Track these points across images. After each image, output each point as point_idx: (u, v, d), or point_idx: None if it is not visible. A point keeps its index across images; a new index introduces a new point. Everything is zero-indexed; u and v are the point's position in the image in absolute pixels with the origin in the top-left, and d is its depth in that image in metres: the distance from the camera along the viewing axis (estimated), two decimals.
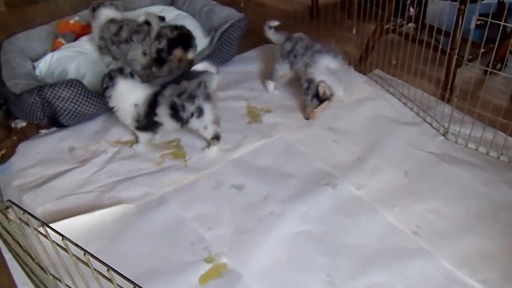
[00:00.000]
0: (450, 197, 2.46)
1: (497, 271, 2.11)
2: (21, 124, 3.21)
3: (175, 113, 2.65)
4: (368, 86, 3.31)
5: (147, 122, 2.71)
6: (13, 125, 3.20)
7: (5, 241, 2.27)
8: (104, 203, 2.51)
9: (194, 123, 2.70)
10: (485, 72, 3.22)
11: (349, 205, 2.44)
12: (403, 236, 2.27)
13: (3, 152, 2.98)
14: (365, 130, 2.93)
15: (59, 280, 1.32)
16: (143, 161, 2.78)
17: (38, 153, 2.91)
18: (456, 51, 2.95)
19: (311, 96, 2.88)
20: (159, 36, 3.18)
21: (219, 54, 3.49)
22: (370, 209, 2.41)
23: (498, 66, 3.30)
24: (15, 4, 4.90)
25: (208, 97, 2.68)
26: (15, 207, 1.23)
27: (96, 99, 3.01)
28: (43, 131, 3.12)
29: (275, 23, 3.22)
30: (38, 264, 1.37)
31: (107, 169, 2.74)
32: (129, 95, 2.71)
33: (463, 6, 2.88)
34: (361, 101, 3.17)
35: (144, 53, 3.24)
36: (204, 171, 2.69)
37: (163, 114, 2.66)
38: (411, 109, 3.07)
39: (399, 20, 3.47)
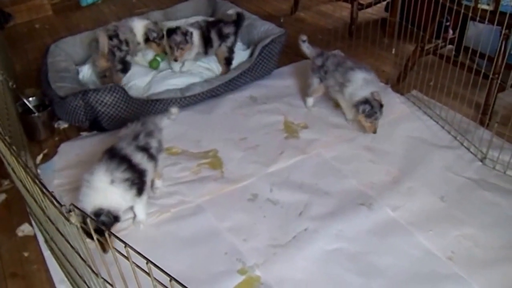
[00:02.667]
0: (487, 224, 2.43)
1: None
2: (63, 125, 3.31)
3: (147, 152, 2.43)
4: (405, 107, 3.30)
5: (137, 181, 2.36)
6: (56, 125, 3.30)
7: (46, 241, 2.34)
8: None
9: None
10: None
11: (384, 226, 2.43)
12: (438, 261, 2.25)
13: (45, 151, 3.07)
14: (401, 151, 2.92)
15: (111, 285, 1.35)
16: (181, 170, 2.82)
17: (78, 155, 2.98)
18: (499, 76, 2.92)
19: (379, 110, 2.92)
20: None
21: (259, 68, 3.53)
22: (405, 232, 2.40)
23: None
24: (61, 9, 5.05)
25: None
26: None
27: (136, 105, 3.07)
28: (84, 134, 3.20)
29: (305, 36, 3.28)
30: (89, 266, 1.40)
31: None
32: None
33: (507, 31, 2.86)
34: (397, 122, 3.16)
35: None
36: (241, 183, 2.71)
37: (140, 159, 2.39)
38: (449, 132, 3.05)
39: (439, 42, 3.45)
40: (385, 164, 2.82)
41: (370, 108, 2.90)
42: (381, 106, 2.92)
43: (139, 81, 3.46)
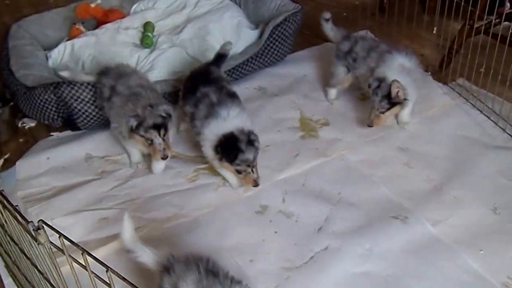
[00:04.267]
0: None
1: None
2: (29, 124, 3.35)
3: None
4: (449, 99, 3.34)
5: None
6: (20, 124, 3.35)
7: (7, 265, 2.38)
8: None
9: None
10: None
11: (422, 245, 2.47)
12: None
13: (6, 156, 3.12)
14: (444, 152, 2.96)
15: None
16: (173, 176, 2.88)
17: (49, 159, 3.04)
18: None
19: (380, 97, 2.91)
20: None
21: (270, 53, 3.58)
22: (448, 251, 2.43)
23: None
24: None
25: None
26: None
27: None
28: (55, 134, 3.26)
29: (328, 14, 3.30)
30: None
31: (131, 184, 2.84)
32: None
33: None
34: (440, 117, 3.20)
35: None
36: (247, 193, 2.76)
37: None
38: (504, 129, 3.08)
39: (493, 18, 3.47)
40: (424, 168, 2.86)
41: (376, 88, 2.93)
42: (388, 96, 2.91)
43: None
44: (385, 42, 3.20)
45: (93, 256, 1.34)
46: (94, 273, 1.34)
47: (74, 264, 1.40)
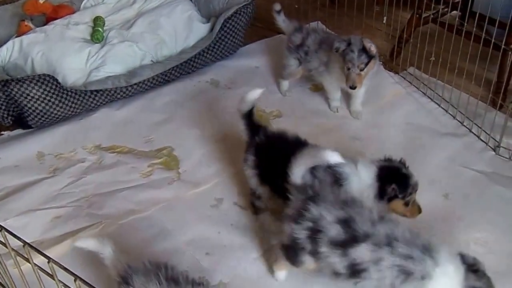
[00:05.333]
0: (503, 227, 2.51)
1: None
2: None
3: None
4: (400, 87, 3.39)
5: None
6: None
7: None
8: (81, 222, 2.57)
9: None
10: None
11: None
12: None
13: None
14: (396, 140, 2.99)
15: None
16: (128, 172, 2.85)
17: (0, 159, 2.97)
18: None
19: (357, 52, 2.89)
20: None
21: (221, 46, 3.57)
22: None
23: None
24: None
25: None
26: None
27: (72, 98, 3.08)
28: (6, 133, 3.19)
29: (279, 6, 3.28)
30: None
31: (85, 181, 2.80)
32: None
33: None
34: (392, 106, 3.24)
35: None
36: (202, 186, 2.75)
37: None
38: (454, 116, 3.14)
39: (440, 7, 3.52)
40: (377, 156, 2.88)
41: (347, 46, 2.92)
42: (367, 52, 2.91)
43: (76, 61, 3.45)
44: (337, 34, 3.22)
45: (37, 249, 1.33)
46: (62, 282, 1.34)
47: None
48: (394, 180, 2.25)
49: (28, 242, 1.38)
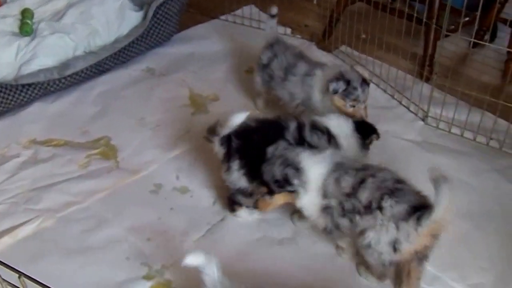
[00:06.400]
0: (432, 190, 2.58)
1: (489, 276, 2.24)
2: None
3: None
4: None
5: None
6: None
7: None
8: (18, 217, 2.52)
9: None
10: (472, 44, 3.37)
11: None
12: None
13: None
14: None
15: None
16: (64, 164, 2.81)
17: None
18: (434, 20, 3.09)
19: (360, 88, 2.55)
20: None
21: (155, 34, 3.55)
22: None
23: (486, 37, 3.46)
24: None
25: None
26: None
27: (2, 93, 3.01)
28: None
29: (276, 9, 2.94)
30: None
31: (20, 176, 2.74)
32: None
33: None
34: None
35: None
36: (140, 173, 2.75)
37: None
38: (385, 90, 3.22)
39: None
40: None
41: (346, 85, 2.55)
42: (366, 82, 2.59)
43: (4, 56, 3.35)
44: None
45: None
46: (7, 281, 1.34)
47: None
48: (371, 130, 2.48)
49: None
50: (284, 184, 2.13)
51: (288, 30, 3.82)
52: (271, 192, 2.17)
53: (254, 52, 3.43)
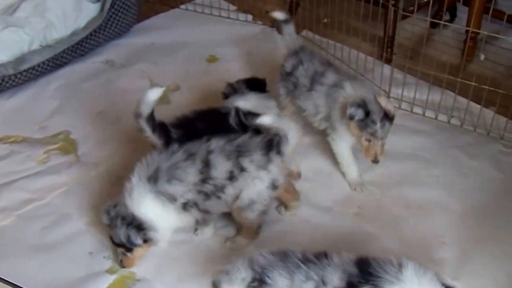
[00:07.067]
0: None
1: (452, 252, 2.26)
2: None
3: None
4: None
5: None
6: None
7: None
8: None
9: None
10: (431, 25, 3.40)
11: None
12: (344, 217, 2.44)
13: None
14: None
15: None
16: (23, 161, 2.76)
17: None
18: (393, 2, 3.09)
19: (380, 122, 2.32)
20: None
21: (114, 25, 3.50)
22: None
23: (446, 17, 3.48)
24: None
25: None
26: None
27: None
28: None
29: (281, 14, 2.75)
30: None
31: None
32: None
33: None
34: None
35: None
36: (101, 166, 2.71)
37: None
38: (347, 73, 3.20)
39: None
40: None
41: (365, 115, 2.33)
42: (388, 117, 2.35)
43: None
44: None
45: None
46: None
47: None
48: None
49: None
50: (131, 244, 2.10)
51: (250, 17, 3.80)
52: (129, 250, 2.13)
53: (215, 40, 3.44)
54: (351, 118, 2.31)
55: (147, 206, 2.08)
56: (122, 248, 2.14)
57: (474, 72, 2.85)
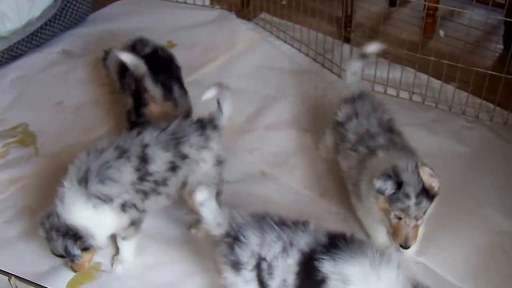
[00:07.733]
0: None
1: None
2: None
3: None
4: (254, 34, 3.42)
5: None
6: None
7: None
8: None
9: None
10: (390, 3, 3.42)
11: None
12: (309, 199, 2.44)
13: None
14: (254, 85, 3.04)
15: None
16: None
17: None
18: None
19: (415, 198, 1.87)
20: None
21: (69, 14, 3.45)
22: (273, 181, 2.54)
23: None
24: None
25: None
26: None
27: None
28: None
29: (375, 46, 2.37)
30: None
31: None
32: None
33: None
34: (247, 52, 3.27)
35: None
36: (62, 158, 2.64)
37: None
38: (307, 54, 3.21)
39: None
40: (238, 103, 2.86)
41: (396, 188, 1.88)
42: (426, 193, 1.90)
43: None
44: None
45: None
46: None
47: None
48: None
49: None
50: (70, 255, 2.02)
51: (207, 1, 3.77)
52: (72, 259, 2.07)
53: (173, 26, 3.40)
54: (381, 192, 1.88)
55: (80, 212, 1.98)
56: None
57: (433, 48, 2.88)
